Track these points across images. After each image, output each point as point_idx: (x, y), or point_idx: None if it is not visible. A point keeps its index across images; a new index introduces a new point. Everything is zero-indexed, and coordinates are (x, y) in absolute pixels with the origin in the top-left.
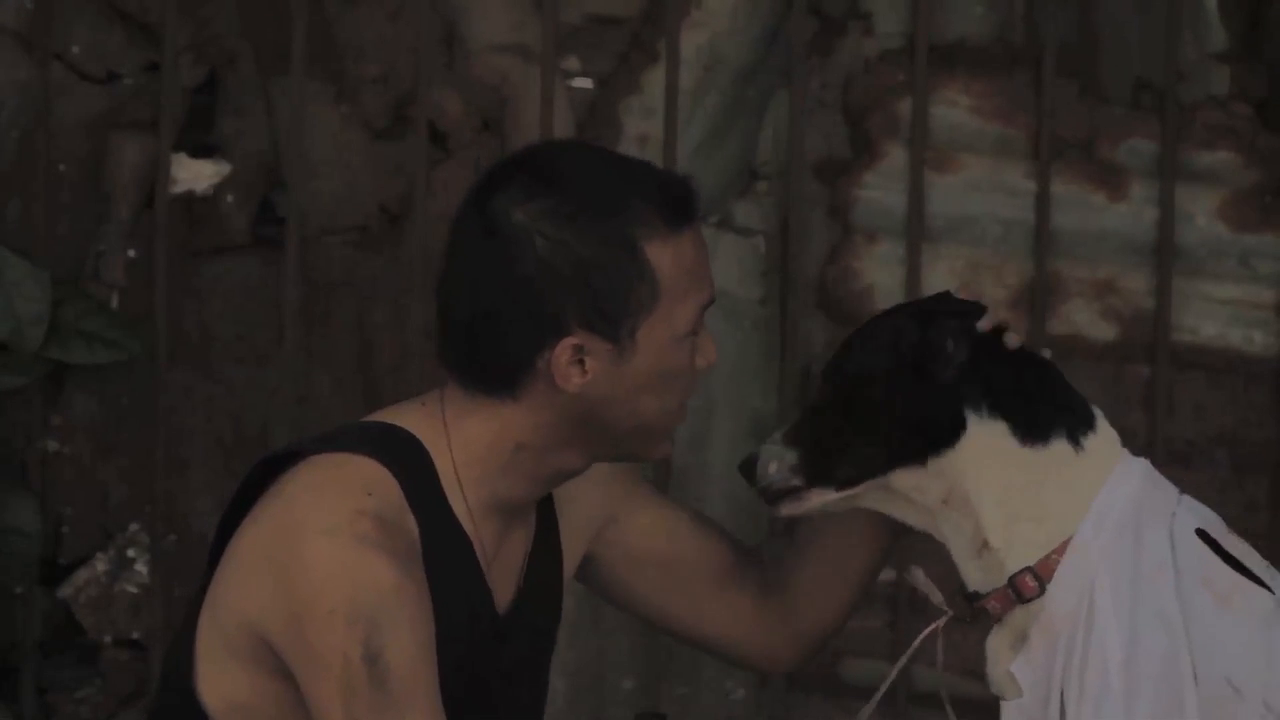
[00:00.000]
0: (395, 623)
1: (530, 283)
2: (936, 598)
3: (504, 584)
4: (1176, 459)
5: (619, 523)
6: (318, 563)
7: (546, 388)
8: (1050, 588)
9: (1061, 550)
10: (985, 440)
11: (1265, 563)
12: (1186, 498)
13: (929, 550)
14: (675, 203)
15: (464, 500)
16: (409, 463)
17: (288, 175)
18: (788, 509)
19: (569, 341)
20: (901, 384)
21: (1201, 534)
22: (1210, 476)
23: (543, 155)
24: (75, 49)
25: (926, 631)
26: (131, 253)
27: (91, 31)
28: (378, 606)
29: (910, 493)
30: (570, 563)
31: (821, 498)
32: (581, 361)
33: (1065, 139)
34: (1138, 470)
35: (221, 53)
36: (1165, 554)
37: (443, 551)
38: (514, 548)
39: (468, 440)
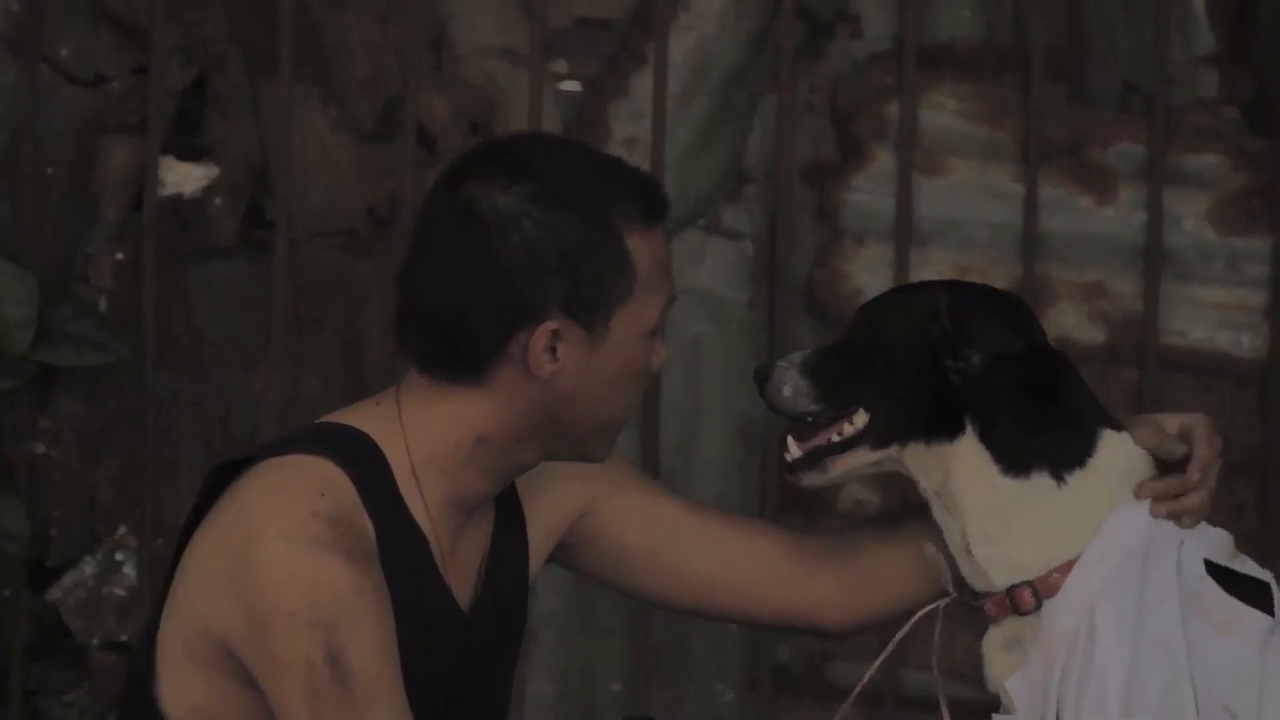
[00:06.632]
0: (355, 623)
1: (513, 267)
2: (945, 577)
3: (463, 583)
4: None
5: (599, 512)
6: (274, 568)
7: (515, 376)
8: (1049, 605)
9: (1065, 570)
10: (973, 457)
11: (1269, 574)
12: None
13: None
14: (651, 195)
15: (420, 498)
16: (363, 462)
17: (276, 178)
18: (809, 480)
19: (548, 326)
20: (920, 360)
21: (1208, 564)
22: None
23: (518, 144)
24: (63, 52)
25: (927, 609)
26: (119, 255)
27: (79, 34)
28: (336, 608)
29: (914, 471)
30: (536, 561)
31: (844, 466)
32: (554, 349)
33: (1053, 142)
34: None
35: (209, 55)
36: (1171, 582)
37: (399, 550)
38: (472, 546)
39: (427, 434)
